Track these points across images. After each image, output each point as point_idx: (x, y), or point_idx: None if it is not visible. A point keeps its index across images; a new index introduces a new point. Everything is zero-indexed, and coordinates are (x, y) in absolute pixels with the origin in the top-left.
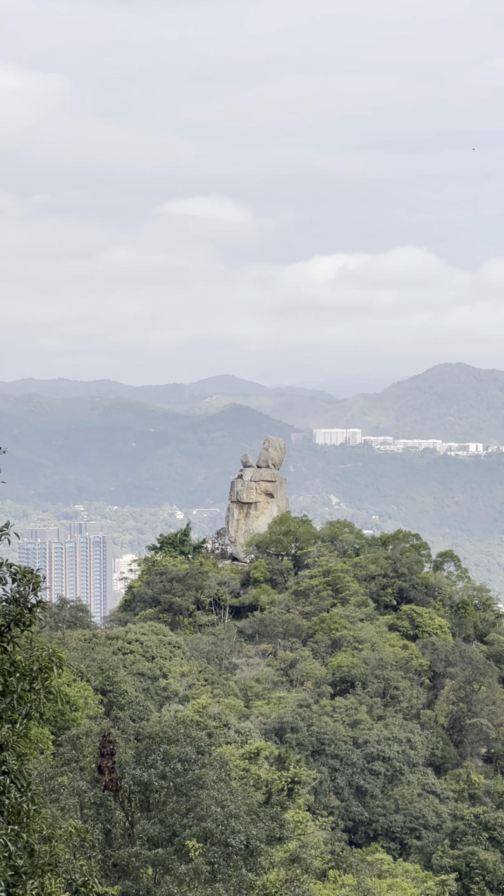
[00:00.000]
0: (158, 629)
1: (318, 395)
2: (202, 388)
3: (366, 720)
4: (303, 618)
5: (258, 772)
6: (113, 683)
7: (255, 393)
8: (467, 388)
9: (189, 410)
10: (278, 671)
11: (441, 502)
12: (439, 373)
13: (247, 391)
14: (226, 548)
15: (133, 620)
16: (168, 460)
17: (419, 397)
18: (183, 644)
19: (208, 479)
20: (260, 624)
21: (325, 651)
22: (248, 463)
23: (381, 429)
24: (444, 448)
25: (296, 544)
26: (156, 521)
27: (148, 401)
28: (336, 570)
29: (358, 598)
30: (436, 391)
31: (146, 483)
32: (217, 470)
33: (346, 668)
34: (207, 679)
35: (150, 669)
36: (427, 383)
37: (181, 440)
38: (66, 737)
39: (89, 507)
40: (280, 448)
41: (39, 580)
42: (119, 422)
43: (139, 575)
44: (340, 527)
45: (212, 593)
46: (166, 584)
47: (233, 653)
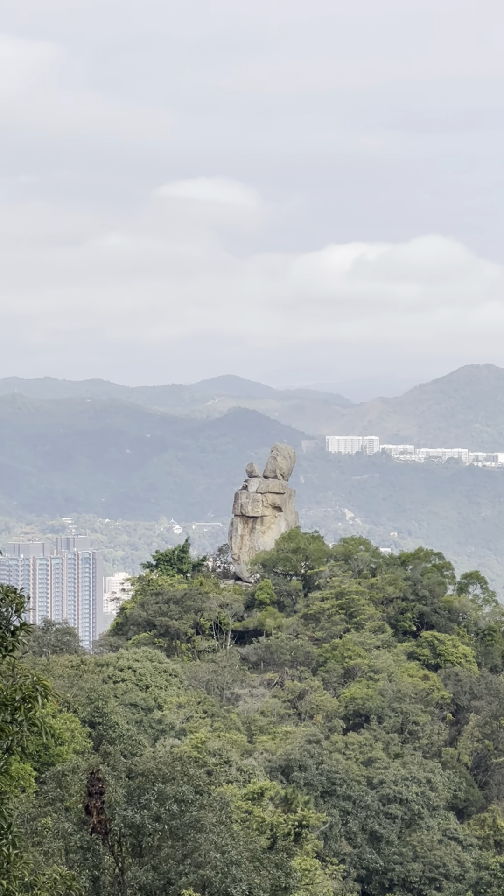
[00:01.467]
0: (153, 655)
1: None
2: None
3: (381, 758)
4: (313, 644)
5: (262, 814)
6: (102, 715)
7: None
8: (497, 391)
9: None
10: (285, 703)
11: (467, 518)
12: (466, 375)
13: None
14: (228, 566)
15: (125, 645)
16: (165, 469)
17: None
18: (180, 672)
19: (209, 490)
20: (265, 651)
21: (337, 681)
22: (253, 473)
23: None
24: (471, 458)
25: (306, 563)
26: (151, 535)
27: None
28: (350, 592)
29: (374, 623)
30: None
31: (141, 494)
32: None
33: (360, 701)
34: (207, 711)
35: (144, 700)
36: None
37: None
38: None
39: (78, 520)
40: (289, 456)
41: (23, 601)
42: (112, 426)
43: (132, 595)
44: (355, 544)
45: (212, 616)
46: (162, 606)
47: (235, 682)
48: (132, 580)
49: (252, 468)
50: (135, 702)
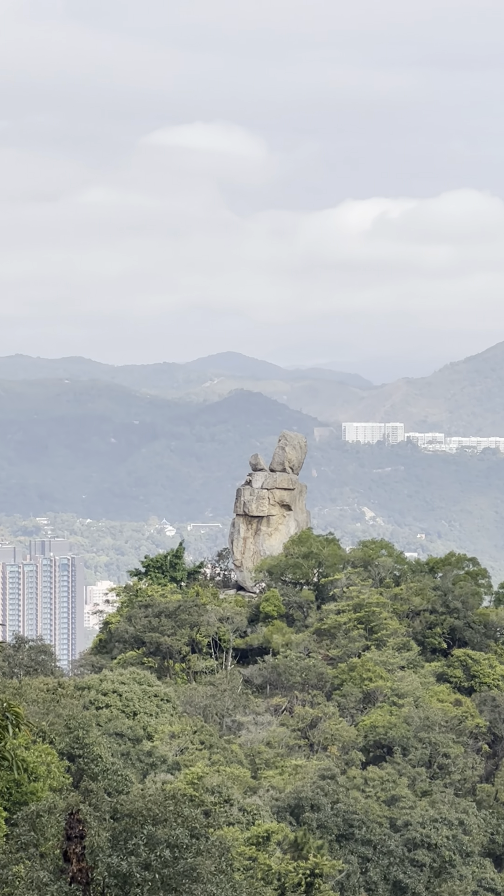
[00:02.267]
0: (142, 677)
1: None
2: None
3: (407, 796)
4: (327, 664)
5: (268, 861)
6: (83, 746)
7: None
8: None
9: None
10: (295, 732)
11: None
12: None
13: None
14: (229, 574)
15: (110, 666)
16: (156, 461)
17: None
18: (173, 697)
19: (207, 486)
20: (272, 672)
21: (355, 707)
22: (258, 465)
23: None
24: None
25: (319, 570)
26: (140, 538)
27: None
28: (370, 604)
29: (398, 639)
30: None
31: (128, 490)
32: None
33: (381, 730)
34: (204, 742)
35: (132, 729)
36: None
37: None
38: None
39: (55, 520)
40: (300, 447)
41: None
42: (93, 411)
43: (118, 608)
44: (376, 548)
45: (211, 632)
46: (153, 620)
47: (237, 708)
48: (117, 590)
49: (256, 460)
50: (121, 731)
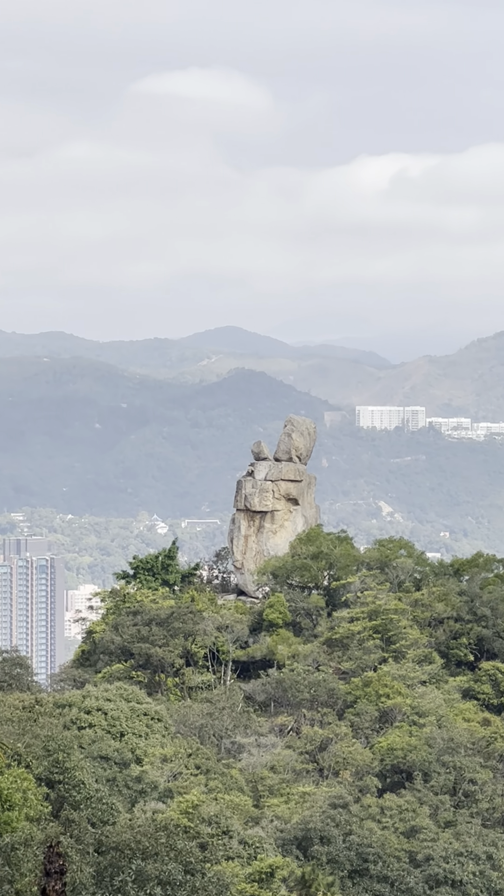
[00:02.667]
0: (130, 693)
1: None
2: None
3: (428, 827)
4: (339, 679)
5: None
6: (64, 771)
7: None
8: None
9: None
10: (302, 755)
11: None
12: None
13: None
14: (228, 576)
15: (93, 680)
16: (146, 449)
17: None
18: (165, 715)
19: (204, 478)
20: (277, 687)
21: (370, 727)
22: (261, 454)
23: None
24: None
25: (329, 572)
26: (128, 536)
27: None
28: (387, 611)
29: (418, 651)
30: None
31: (114, 482)
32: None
33: (400, 753)
34: (200, 766)
35: (118, 751)
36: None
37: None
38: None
39: (32, 516)
40: (308, 433)
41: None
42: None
43: (103, 615)
44: (394, 548)
45: (208, 642)
46: (142, 629)
47: (237, 728)
48: (102, 595)
49: (260, 448)
50: (106, 754)
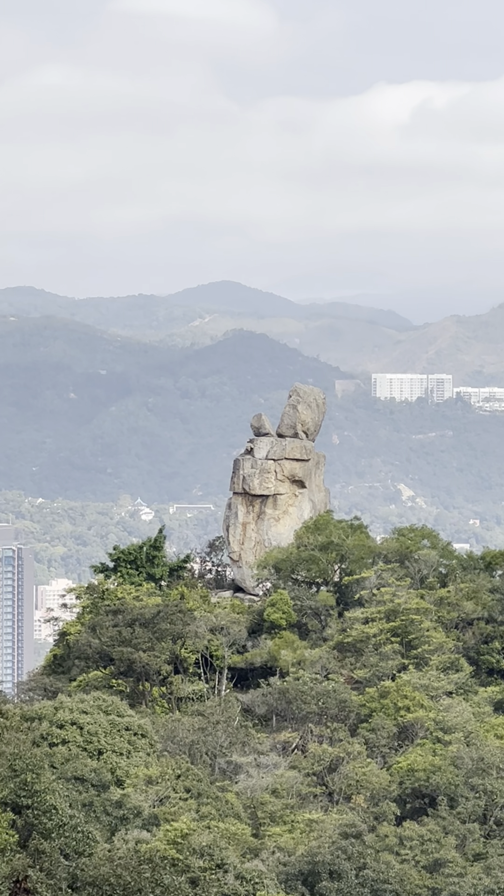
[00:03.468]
0: (110, 705)
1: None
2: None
3: (454, 860)
4: (351, 689)
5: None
6: (33, 794)
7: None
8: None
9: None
10: (309, 777)
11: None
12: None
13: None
14: (224, 570)
15: (67, 689)
16: (129, 423)
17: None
18: (150, 730)
19: (196, 456)
20: (279, 698)
21: (387, 745)
22: (262, 429)
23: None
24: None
25: (341, 566)
26: (107, 523)
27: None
28: (408, 611)
29: (443, 656)
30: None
31: (92, 461)
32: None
33: (422, 774)
34: (191, 789)
35: (96, 772)
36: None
37: (151, 389)
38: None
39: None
40: (316, 405)
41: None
42: (48, 357)
43: (78, 614)
44: (416, 537)
45: (200, 646)
46: (124, 631)
47: (233, 746)
48: (78, 591)
49: (260, 422)
50: (82, 774)
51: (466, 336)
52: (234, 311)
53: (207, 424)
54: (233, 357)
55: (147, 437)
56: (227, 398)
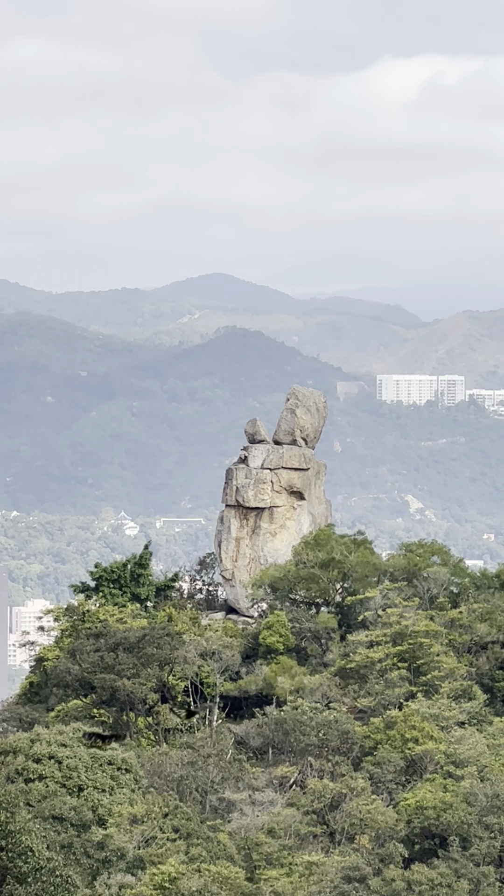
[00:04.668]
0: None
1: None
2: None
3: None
4: (355, 719)
5: None
6: (7, 834)
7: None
8: None
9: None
10: (309, 815)
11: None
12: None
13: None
14: (216, 590)
15: (45, 720)
16: (112, 429)
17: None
18: (135, 765)
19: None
20: (276, 729)
21: (394, 780)
22: (257, 436)
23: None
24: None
25: (344, 585)
26: (88, 539)
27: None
28: (417, 634)
29: (455, 683)
30: None
31: (71, 471)
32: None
33: (432, 812)
34: (179, 829)
35: (76, 810)
36: None
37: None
38: None
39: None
40: (317, 409)
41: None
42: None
43: (57, 638)
44: (425, 553)
45: (189, 673)
46: (106, 656)
47: (226, 781)
48: (56, 612)
49: (255, 428)
50: (60, 813)
51: (480, 333)
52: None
53: (197, 431)
54: (225, 357)
55: (131, 444)
56: (219, 402)
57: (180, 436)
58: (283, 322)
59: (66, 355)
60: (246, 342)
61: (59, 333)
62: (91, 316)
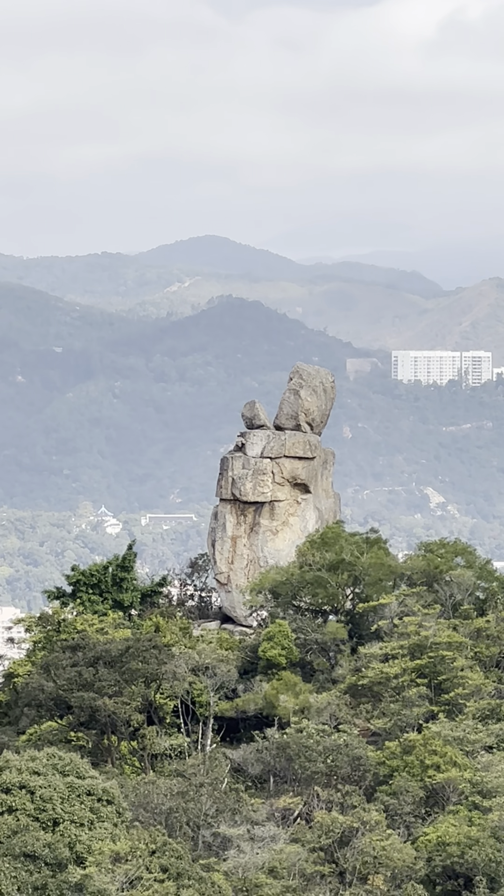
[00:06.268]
0: (67, 764)
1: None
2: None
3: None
4: (367, 743)
5: None
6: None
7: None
8: None
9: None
10: (315, 853)
11: None
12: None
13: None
14: (209, 596)
15: (15, 744)
16: (91, 412)
17: None
18: (118, 795)
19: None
20: (278, 755)
21: (412, 812)
22: (256, 420)
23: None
24: None
25: (355, 590)
26: (64, 538)
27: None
28: (438, 645)
29: (482, 702)
30: None
31: (45, 460)
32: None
33: (455, 849)
34: (168, 868)
35: (51, 847)
36: None
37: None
38: None
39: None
40: (323, 389)
41: None
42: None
43: (29, 650)
44: (447, 554)
45: (179, 690)
46: (85, 671)
47: (221, 814)
48: (28, 621)
49: (254, 412)
50: (33, 850)
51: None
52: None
53: (188, 414)
54: (219, 330)
55: (113, 429)
56: (213, 381)
57: (168, 420)
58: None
59: (38, 329)
60: (243, 314)
61: (31, 304)
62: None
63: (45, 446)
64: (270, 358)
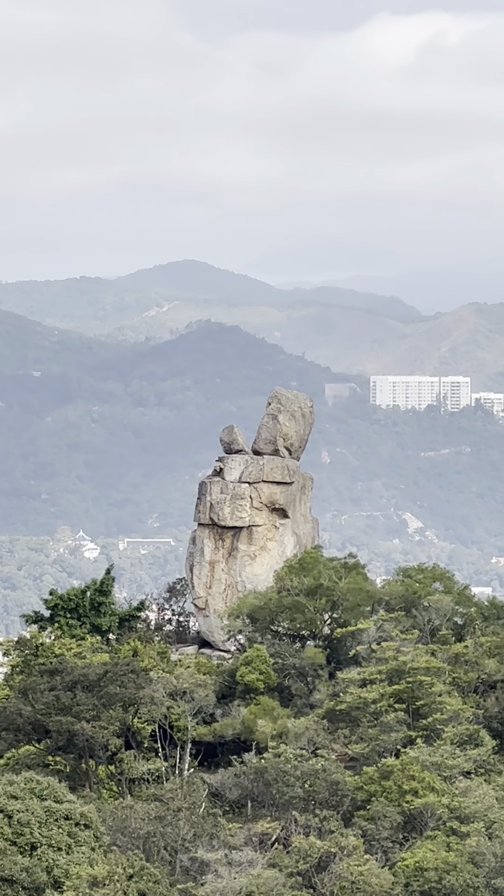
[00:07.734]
0: (45, 788)
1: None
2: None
3: None
4: (345, 768)
5: None
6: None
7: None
8: None
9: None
10: (293, 878)
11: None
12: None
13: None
14: (187, 621)
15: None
16: (70, 437)
17: None
18: (95, 819)
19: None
20: (256, 780)
21: (390, 837)
22: (234, 445)
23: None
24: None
25: (333, 615)
26: (42, 562)
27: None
28: (416, 671)
29: (460, 727)
30: None
31: (23, 484)
32: (170, 458)
33: (433, 874)
34: (146, 892)
35: (29, 871)
36: None
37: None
38: None
39: None
40: (302, 414)
41: None
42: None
43: (7, 674)
44: (425, 580)
45: (157, 715)
46: (62, 696)
47: (199, 839)
48: (5, 645)
49: (232, 436)
50: (11, 875)
51: (488, 329)
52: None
53: (166, 439)
54: (198, 355)
55: (91, 454)
56: (191, 406)
57: (147, 445)
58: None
59: (16, 353)
60: (222, 338)
61: (9, 328)
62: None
63: (23, 470)
64: (249, 383)
